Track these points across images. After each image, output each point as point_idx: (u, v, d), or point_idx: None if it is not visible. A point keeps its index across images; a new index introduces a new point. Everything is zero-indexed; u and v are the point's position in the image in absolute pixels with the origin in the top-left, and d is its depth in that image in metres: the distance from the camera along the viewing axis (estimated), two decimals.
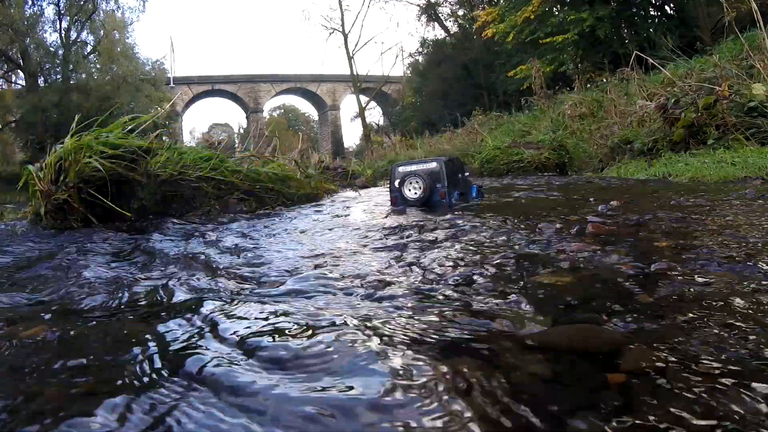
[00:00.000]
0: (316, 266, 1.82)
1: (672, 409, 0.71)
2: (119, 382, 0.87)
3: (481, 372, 0.83)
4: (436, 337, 1.01)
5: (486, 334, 1.02)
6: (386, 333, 1.02)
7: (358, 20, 45.52)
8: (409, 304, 1.27)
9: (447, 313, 1.16)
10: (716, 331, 1.00)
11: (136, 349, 1.02)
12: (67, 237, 2.82)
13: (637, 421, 0.69)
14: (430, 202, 3.35)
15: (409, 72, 28.56)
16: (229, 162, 4.46)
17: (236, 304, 1.29)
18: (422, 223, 2.56)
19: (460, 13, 25.26)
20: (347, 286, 1.50)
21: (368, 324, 1.08)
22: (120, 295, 1.51)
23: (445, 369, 0.85)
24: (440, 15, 26.26)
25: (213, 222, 3.32)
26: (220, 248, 2.31)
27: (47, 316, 1.30)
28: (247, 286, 1.61)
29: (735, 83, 6.36)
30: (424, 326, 1.07)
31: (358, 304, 1.32)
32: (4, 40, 18.78)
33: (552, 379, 0.84)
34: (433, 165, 3.41)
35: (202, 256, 2.08)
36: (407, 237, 2.25)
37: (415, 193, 3.38)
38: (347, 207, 3.97)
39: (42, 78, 20.28)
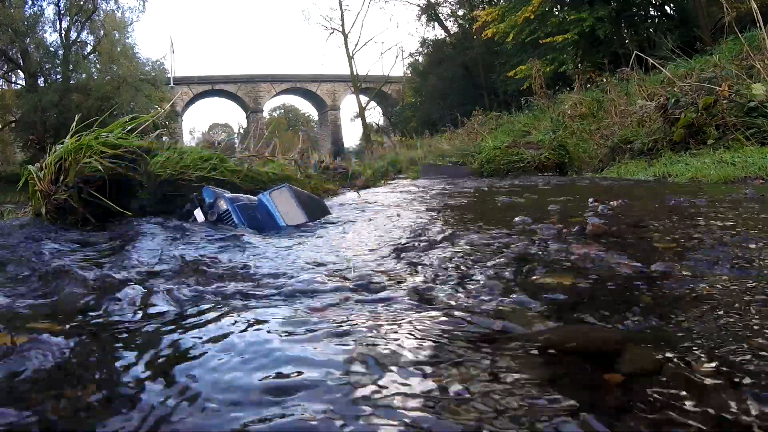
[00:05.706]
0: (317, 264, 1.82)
1: (671, 411, 0.71)
2: None
3: (480, 373, 0.83)
4: (435, 338, 1.01)
5: (485, 335, 1.02)
6: (388, 332, 1.02)
7: (358, 20, 45.70)
8: (410, 305, 1.27)
9: (446, 314, 1.16)
10: (716, 332, 1.00)
11: None
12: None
13: (636, 423, 0.69)
14: None
15: (409, 72, 28.56)
16: (229, 162, 4.45)
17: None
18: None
19: (460, 13, 25.27)
20: (349, 285, 1.50)
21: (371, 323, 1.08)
22: None
23: (443, 371, 0.85)
24: (440, 15, 26.27)
25: None
26: None
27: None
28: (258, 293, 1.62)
29: (735, 83, 6.35)
30: (424, 327, 1.07)
31: (362, 302, 1.32)
32: (4, 40, 18.80)
33: (551, 380, 0.84)
34: None
35: None
36: (408, 238, 2.25)
37: None
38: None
39: (42, 78, 20.28)
